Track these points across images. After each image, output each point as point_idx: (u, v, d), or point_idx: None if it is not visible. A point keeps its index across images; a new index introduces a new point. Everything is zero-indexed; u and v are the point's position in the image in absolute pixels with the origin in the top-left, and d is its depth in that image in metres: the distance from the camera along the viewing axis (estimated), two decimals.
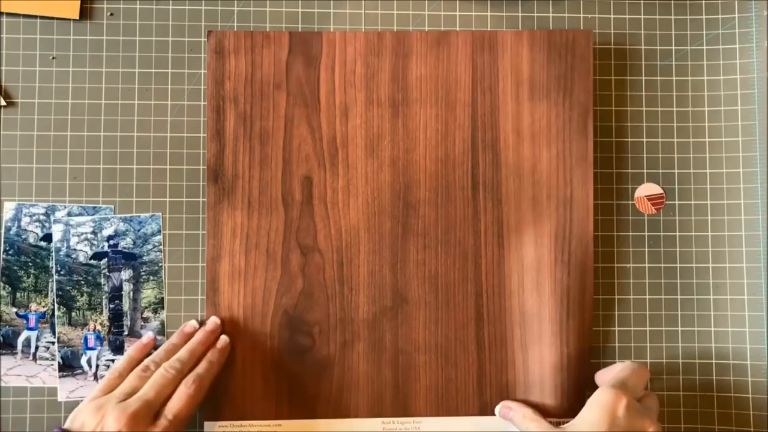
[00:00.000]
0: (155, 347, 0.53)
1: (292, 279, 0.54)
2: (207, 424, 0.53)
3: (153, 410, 0.47)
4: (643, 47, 0.57)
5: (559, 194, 0.55)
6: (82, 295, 0.54)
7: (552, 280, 0.54)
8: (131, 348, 0.52)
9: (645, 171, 0.56)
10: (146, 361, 0.50)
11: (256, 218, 0.54)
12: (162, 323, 0.54)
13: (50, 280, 0.54)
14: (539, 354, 0.54)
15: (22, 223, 0.54)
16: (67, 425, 0.46)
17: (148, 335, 0.53)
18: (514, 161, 0.55)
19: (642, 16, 0.57)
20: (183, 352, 0.50)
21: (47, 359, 0.54)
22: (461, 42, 0.55)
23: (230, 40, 0.54)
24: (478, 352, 0.54)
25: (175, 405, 0.48)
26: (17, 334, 0.54)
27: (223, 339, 0.53)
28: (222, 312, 0.54)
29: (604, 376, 0.52)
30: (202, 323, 0.53)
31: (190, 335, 0.52)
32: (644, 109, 0.56)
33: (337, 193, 0.54)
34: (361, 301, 0.54)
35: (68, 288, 0.54)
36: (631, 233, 0.56)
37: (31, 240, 0.54)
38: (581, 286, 0.54)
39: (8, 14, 0.55)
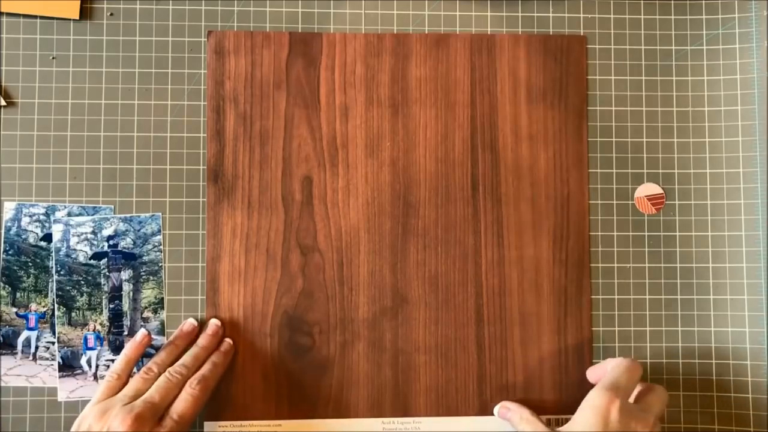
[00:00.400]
0: (151, 345, 0.53)
1: (292, 279, 0.54)
2: (207, 424, 0.53)
3: (158, 413, 0.47)
4: (643, 47, 0.57)
5: (556, 194, 0.55)
6: (82, 295, 0.54)
7: (550, 280, 0.54)
8: (126, 347, 0.52)
9: (645, 171, 0.56)
10: (149, 363, 0.50)
11: (256, 218, 0.54)
12: (162, 323, 0.54)
13: (50, 280, 0.54)
14: (538, 353, 0.54)
15: (22, 223, 0.54)
16: (72, 430, 0.46)
17: (141, 332, 0.53)
18: (512, 162, 0.55)
19: (642, 16, 0.57)
20: (187, 358, 0.51)
21: (47, 359, 0.54)
22: (460, 44, 0.55)
23: (230, 40, 0.54)
24: (478, 352, 0.54)
25: (180, 406, 0.48)
26: (17, 334, 0.54)
27: (227, 342, 0.53)
28: (222, 312, 0.54)
29: (596, 372, 0.52)
30: (201, 322, 0.53)
31: (190, 334, 0.52)
32: (644, 109, 0.56)
33: (337, 193, 0.54)
34: (361, 301, 0.54)
35: (68, 288, 0.54)
36: (631, 233, 0.56)
37: (31, 240, 0.54)
38: (579, 285, 0.55)
39: (8, 14, 0.55)
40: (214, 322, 0.53)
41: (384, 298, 0.54)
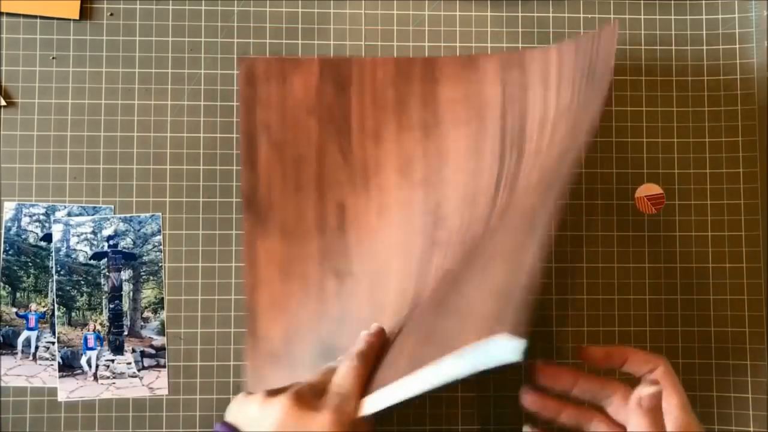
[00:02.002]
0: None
1: (327, 305, 0.53)
2: None
3: (318, 390, 0.45)
4: (642, 47, 0.57)
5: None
6: (82, 295, 0.54)
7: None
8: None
9: (645, 171, 0.56)
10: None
11: (291, 245, 0.53)
12: (162, 323, 0.54)
13: (50, 280, 0.54)
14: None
15: (22, 223, 0.54)
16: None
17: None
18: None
19: (642, 16, 0.57)
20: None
21: (47, 359, 0.54)
22: (490, 65, 0.54)
23: (260, 67, 0.54)
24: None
25: (340, 378, 0.45)
26: (17, 334, 0.54)
27: (374, 325, 0.51)
28: (260, 341, 0.53)
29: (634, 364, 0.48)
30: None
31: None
32: (644, 109, 0.56)
33: (371, 217, 0.54)
34: (396, 326, 0.52)
35: (68, 288, 0.54)
36: (631, 233, 0.56)
37: (31, 240, 0.54)
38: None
39: (8, 14, 0.55)
40: (375, 326, 0.51)
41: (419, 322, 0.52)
